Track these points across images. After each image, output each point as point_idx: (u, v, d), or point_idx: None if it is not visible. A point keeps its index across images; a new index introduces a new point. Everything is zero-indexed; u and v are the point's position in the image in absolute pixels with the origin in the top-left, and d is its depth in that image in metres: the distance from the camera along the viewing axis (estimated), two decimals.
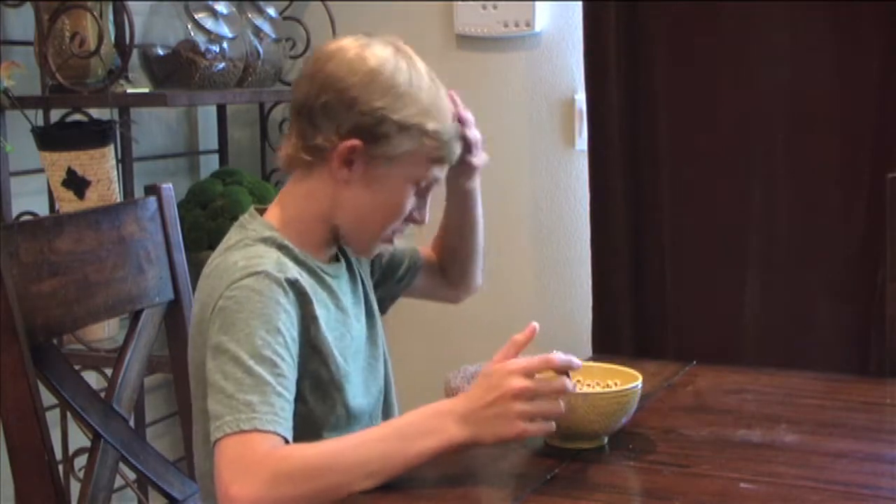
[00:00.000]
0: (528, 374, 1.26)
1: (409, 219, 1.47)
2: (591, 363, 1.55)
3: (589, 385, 1.46)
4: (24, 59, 2.33)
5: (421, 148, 1.41)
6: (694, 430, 1.48)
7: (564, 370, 1.29)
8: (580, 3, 2.56)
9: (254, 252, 1.39)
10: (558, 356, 1.29)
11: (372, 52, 1.42)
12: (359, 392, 1.48)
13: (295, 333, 1.35)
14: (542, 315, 2.77)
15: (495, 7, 2.72)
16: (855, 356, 2.36)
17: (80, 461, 2.21)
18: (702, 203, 2.50)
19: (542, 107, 2.74)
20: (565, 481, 1.30)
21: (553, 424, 1.29)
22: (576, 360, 1.30)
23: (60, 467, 2.07)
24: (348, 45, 1.44)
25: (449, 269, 1.74)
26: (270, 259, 1.37)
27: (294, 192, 1.48)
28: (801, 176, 2.41)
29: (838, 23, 2.35)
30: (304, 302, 1.37)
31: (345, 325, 1.47)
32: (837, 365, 2.33)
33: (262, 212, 1.50)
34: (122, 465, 1.57)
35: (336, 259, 1.53)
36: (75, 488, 1.68)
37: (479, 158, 1.59)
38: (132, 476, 2.07)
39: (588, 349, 2.59)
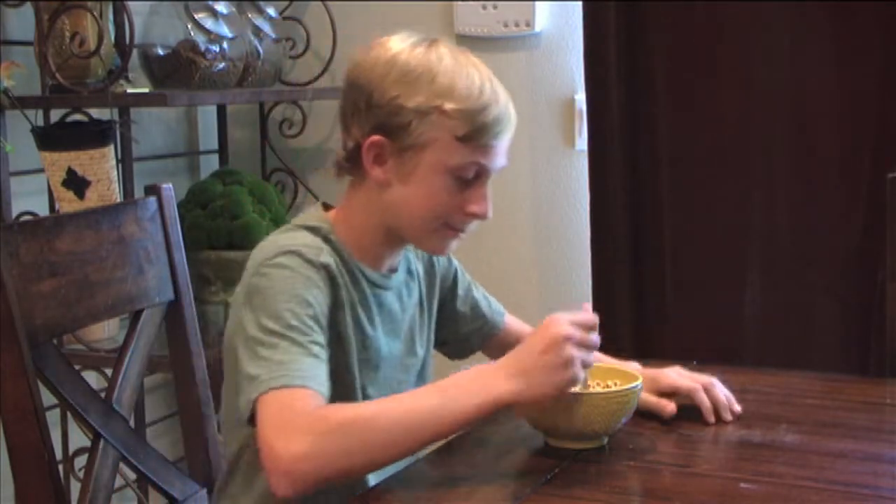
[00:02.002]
0: (576, 323, 1.28)
1: (469, 213, 1.41)
2: None
3: (589, 385, 1.46)
4: (24, 59, 2.33)
5: (445, 131, 1.36)
6: (694, 430, 1.48)
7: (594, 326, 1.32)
8: (580, 3, 2.56)
9: (295, 235, 1.39)
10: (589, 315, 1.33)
11: (388, 45, 1.39)
12: None
13: (325, 309, 1.33)
14: (542, 315, 2.76)
15: (495, 7, 2.72)
16: (855, 356, 2.36)
17: (80, 461, 2.21)
18: (702, 203, 2.50)
19: (542, 107, 2.74)
20: (565, 481, 1.30)
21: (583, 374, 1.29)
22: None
23: (60, 467, 2.07)
24: (370, 44, 1.41)
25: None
26: (308, 242, 1.37)
27: (349, 198, 1.45)
28: (801, 176, 2.41)
29: (838, 23, 2.35)
30: (334, 286, 1.36)
31: (363, 335, 1.44)
32: (837, 365, 2.33)
33: (329, 208, 1.48)
34: (122, 465, 1.57)
35: (393, 271, 1.49)
36: (75, 488, 1.68)
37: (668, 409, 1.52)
38: (132, 476, 2.06)
39: None
